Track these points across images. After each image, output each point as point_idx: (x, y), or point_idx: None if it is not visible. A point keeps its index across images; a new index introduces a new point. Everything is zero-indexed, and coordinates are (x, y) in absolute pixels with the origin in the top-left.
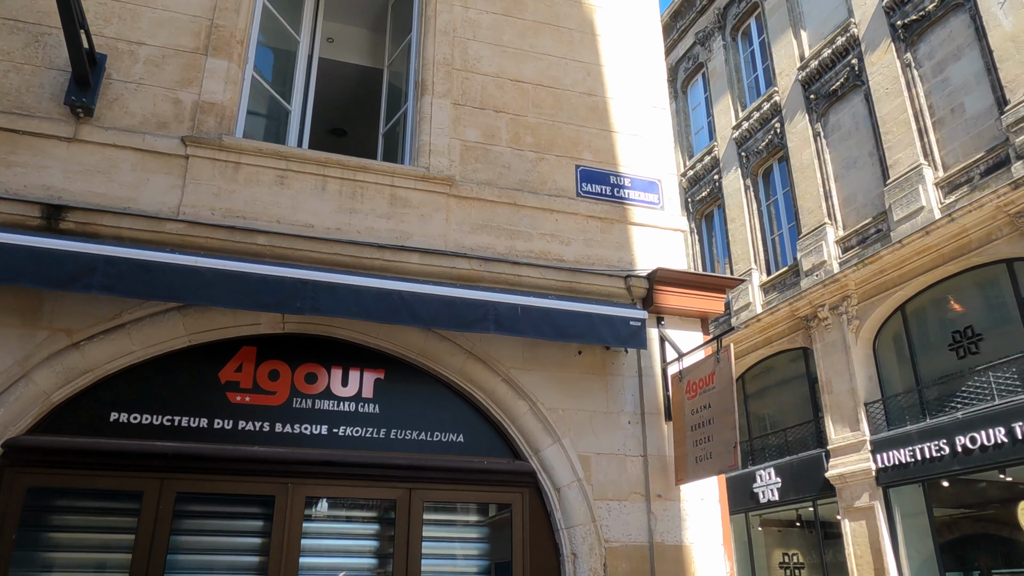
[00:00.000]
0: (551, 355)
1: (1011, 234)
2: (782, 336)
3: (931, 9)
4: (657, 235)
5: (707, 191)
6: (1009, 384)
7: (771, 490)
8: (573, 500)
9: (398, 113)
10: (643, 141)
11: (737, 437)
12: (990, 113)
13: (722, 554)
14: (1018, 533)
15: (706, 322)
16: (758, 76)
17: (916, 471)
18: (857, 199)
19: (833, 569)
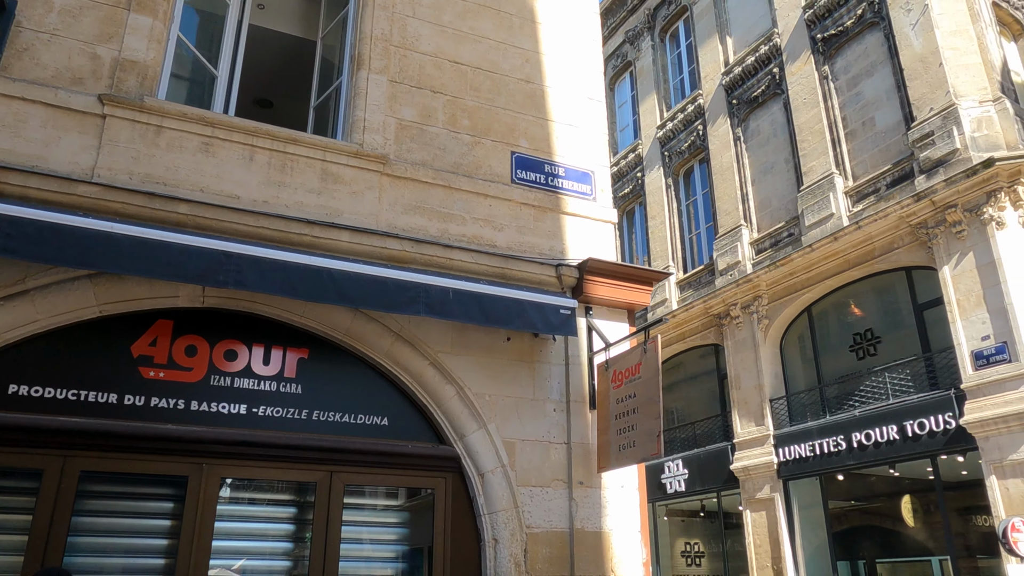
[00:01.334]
0: (480, 340)
1: (911, 244)
2: (695, 332)
3: (849, 25)
4: (589, 226)
5: (630, 188)
6: (902, 385)
7: (678, 481)
8: (496, 486)
9: (331, 87)
10: (578, 132)
11: (661, 426)
12: (898, 128)
13: (639, 541)
14: (902, 525)
15: (632, 314)
16: (684, 78)
17: (814, 465)
18: (772, 203)
19: (732, 557)
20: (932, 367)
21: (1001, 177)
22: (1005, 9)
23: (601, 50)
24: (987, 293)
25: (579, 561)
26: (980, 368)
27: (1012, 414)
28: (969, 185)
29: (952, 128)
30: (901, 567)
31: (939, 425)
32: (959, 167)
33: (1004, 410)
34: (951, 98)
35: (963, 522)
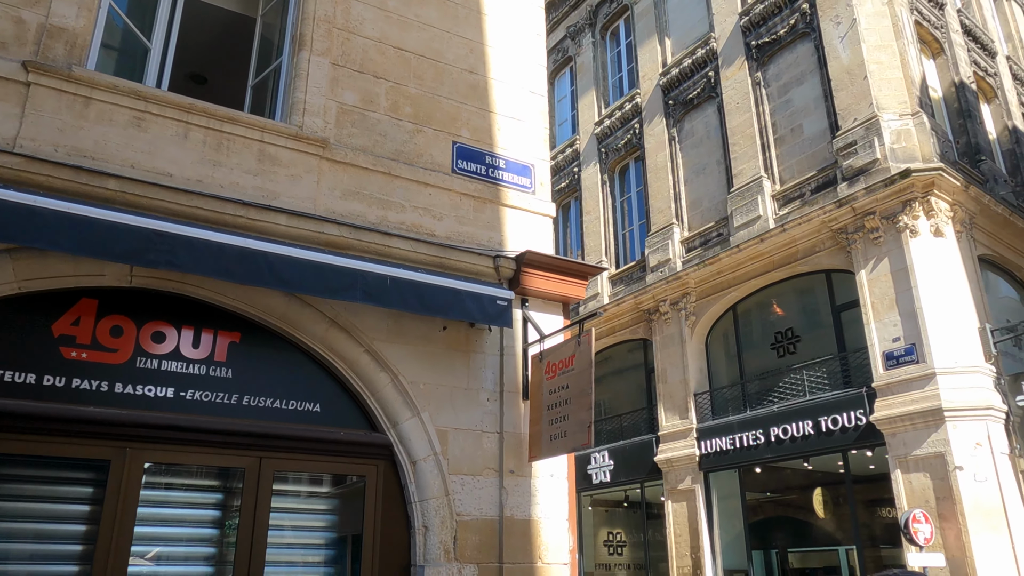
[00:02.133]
0: (416, 329)
1: (832, 248)
2: (625, 327)
3: (782, 34)
4: (527, 219)
5: (566, 182)
6: (819, 382)
7: (604, 472)
8: (428, 474)
9: (271, 66)
10: (520, 125)
11: (592, 418)
12: (824, 136)
13: (567, 529)
14: (813, 516)
15: (567, 307)
16: (623, 76)
17: (734, 458)
18: (703, 203)
19: (653, 547)
20: (847, 366)
21: (916, 188)
22: (926, 28)
23: (545, 45)
24: (899, 297)
25: (508, 548)
26: (890, 368)
27: (917, 412)
28: (887, 194)
29: (874, 139)
30: (811, 556)
31: (851, 421)
32: (878, 176)
33: (910, 408)
34: (874, 110)
35: (869, 514)
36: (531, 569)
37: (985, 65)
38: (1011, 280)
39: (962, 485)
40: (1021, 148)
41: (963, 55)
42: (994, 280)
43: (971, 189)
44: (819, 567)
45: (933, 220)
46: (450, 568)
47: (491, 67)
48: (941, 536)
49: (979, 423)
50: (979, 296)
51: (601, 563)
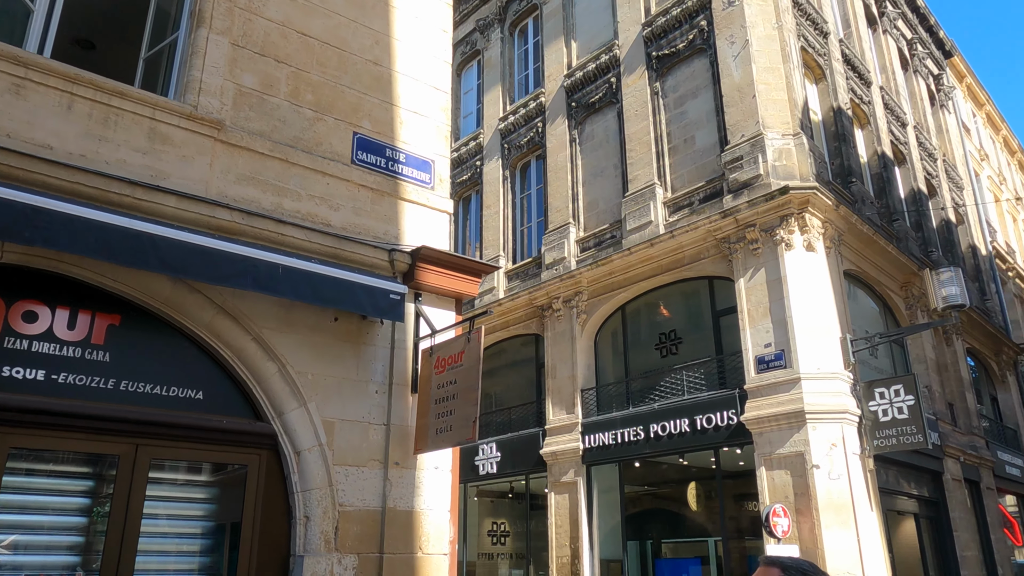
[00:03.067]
0: (306, 318)
1: (715, 256)
2: (519, 322)
3: (681, 48)
4: (425, 214)
5: (468, 175)
6: (697, 383)
7: (491, 463)
8: (312, 464)
9: (166, 40)
10: (422, 120)
11: (478, 413)
12: (714, 149)
13: (448, 520)
14: (686, 509)
15: (460, 303)
16: (529, 75)
17: (615, 452)
18: (599, 205)
19: (535, 537)
20: (723, 368)
21: (793, 204)
22: (811, 54)
23: (452, 42)
24: (772, 306)
25: (390, 539)
26: (761, 372)
27: (782, 413)
28: (767, 208)
29: (758, 155)
30: (682, 547)
31: (724, 421)
32: (760, 191)
33: (777, 410)
34: (759, 128)
35: (737, 507)
36: (411, 559)
37: (861, 93)
38: (871, 294)
39: (818, 482)
40: (887, 173)
41: (842, 82)
42: (856, 293)
43: (841, 208)
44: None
45: (806, 235)
46: (330, 558)
47: (396, 60)
48: (797, 529)
49: (835, 425)
50: (843, 308)
51: (484, 553)
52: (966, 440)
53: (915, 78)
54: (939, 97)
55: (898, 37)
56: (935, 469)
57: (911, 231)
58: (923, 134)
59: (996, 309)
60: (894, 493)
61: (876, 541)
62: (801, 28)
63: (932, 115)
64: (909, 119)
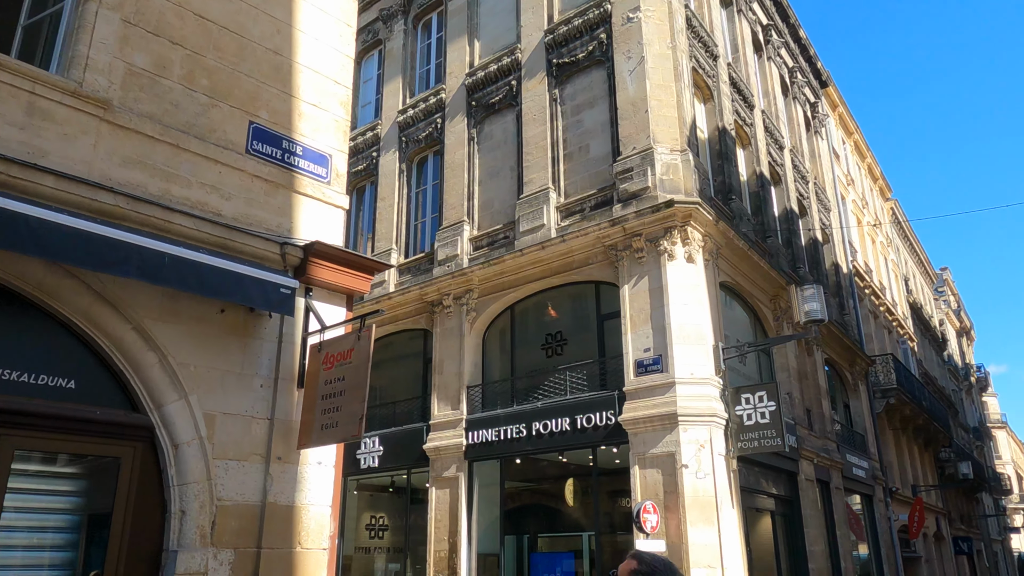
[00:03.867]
0: (191, 309)
1: (603, 262)
2: (408, 316)
3: (580, 58)
4: (320, 208)
5: (364, 165)
6: (579, 383)
7: (373, 457)
8: (191, 458)
9: (49, 9)
10: (322, 114)
11: (364, 411)
12: (606, 159)
13: (330, 515)
14: (564, 505)
15: (352, 299)
16: (431, 69)
17: (498, 449)
18: (494, 205)
19: (414, 531)
20: (604, 370)
21: (677, 217)
22: (701, 75)
23: (355, 37)
24: (653, 313)
25: (268, 534)
26: (639, 375)
27: (656, 415)
28: (653, 219)
29: (647, 168)
30: (559, 541)
31: (602, 420)
32: (647, 203)
33: (651, 412)
34: (650, 142)
35: (611, 503)
36: (289, 554)
37: (744, 115)
38: (744, 305)
39: (686, 481)
40: (764, 192)
41: (728, 104)
42: (730, 304)
43: (721, 224)
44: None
45: (687, 247)
46: (205, 553)
47: (298, 51)
48: (665, 525)
49: (704, 428)
50: (717, 317)
51: (361, 546)
52: (820, 444)
53: (794, 104)
54: (814, 124)
55: (780, 64)
56: (791, 470)
57: (782, 248)
58: (798, 157)
59: (853, 323)
60: (754, 492)
61: (735, 537)
62: (693, 49)
63: (807, 140)
64: (786, 142)
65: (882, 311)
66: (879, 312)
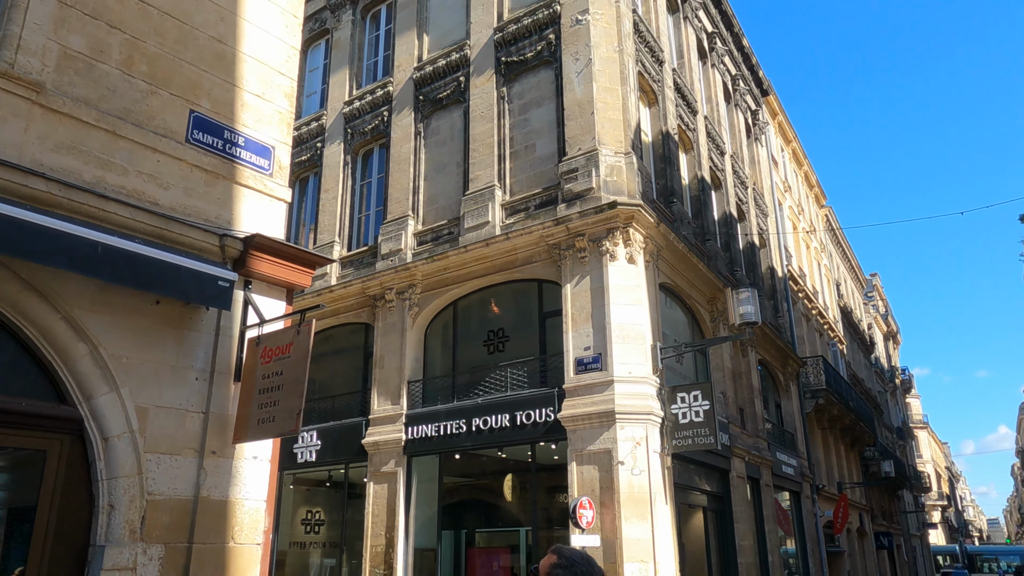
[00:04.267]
0: (125, 300)
1: (546, 260)
2: (350, 310)
3: (529, 57)
4: (261, 201)
5: (308, 156)
6: (520, 380)
7: (310, 451)
8: (121, 451)
9: None
10: (266, 105)
11: (302, 406)
12: (552, 159)
13: (264, 510)
14: (502, 500)
15: (292, 293)
16: (378, 61)
17: (437, 444)
18: (439, 200)
19: (351, 526)
20: (545, 368)
21: (620, 218)
22: (646, 79)
23: (301, 30)
24: (594, 312)
25: (201, 529)
26: (579, 373)
27: (595, 413)
28: (596, 220)
29: (592, 169)
30: (496, 536)
31: (542, 417)
32: (591, 203)
33: (590, 409)
34: (595, 144)
35: (549, 499)
36: (222, 549)
37: (687, 120)
38: (682, 306)
39: (621, 477)
40: (705, 196)
41: (672, 108)
42: (669, 304)
43: (661, 226)
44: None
45: (629, 248)
46: (134, 548)
47: (243, 41)
48: (600, 520)
49: (640, 425)
50: (656, 318)
51: (297, 541)
52: (751, 442)
53: (736, 111)
54: (754, 131)
55: (724, 72)
56: (723, 467)
57: (721, 251)
58: (738, 163)
59: (786, 326)
60: (688, 488)
61: (668, 532)
62: (640, 54)
63: (747, 146)
64: (727, 148)
65: (814, 314)
66: (811, 315)
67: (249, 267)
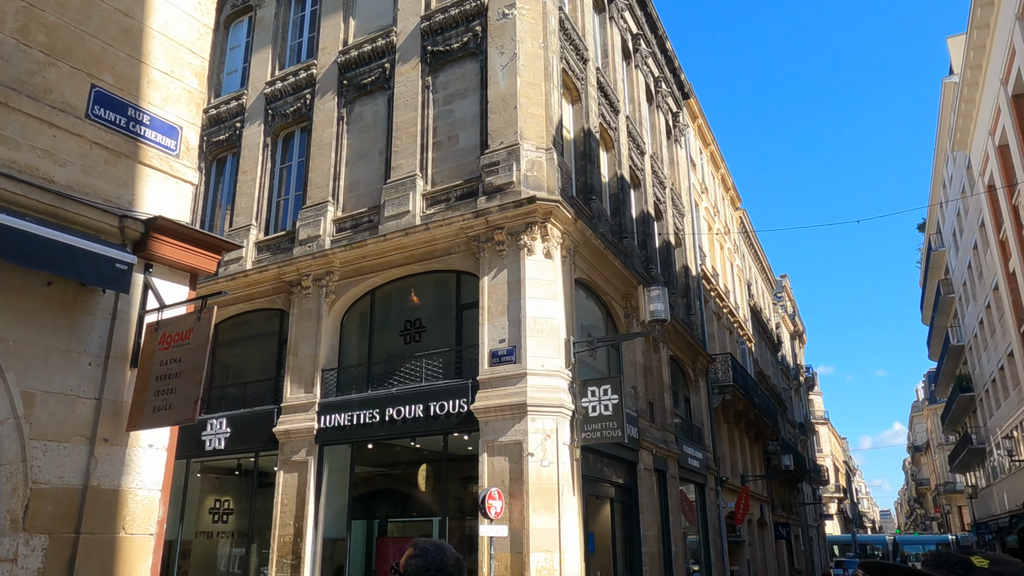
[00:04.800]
0: (12, 280)
1: (464, 252)
2: (265, 295)
3: (455, 48)
4: (166, 182)
5: (226, 135)
6: (435, 371)
7: (219, 439)
8: (4, 438)
9: None
10: (174, 83)
11: (200, 393)
12: (474, 151)
13: (159, 499)
14: (416, 490)
15: (196, 278)
16: (303, 43)
17: (350, 433)
18: (360, 187)
19: (260, 515)
20: (460, 359)
21: (538, 213)
22: (570, 77)
23: (219, 8)
24: (510, 305)
25: (90, 518)
26: (493, 365)
27: (507, 405)
28: (515, 214)
29: (513, 163)
30: (409, 526)
31: (455, 408)
32: (511, 197)
33: (503, 401)
34: (517, 138)
35: (462, 489)
36: (112, 540)
37: (609, 119)
38: (598, 302)
39: (531, 469)
40: (624, 194)
41: (595, 107)
42: (585, 300)
43: (579, 223)
44: (414, 535)
45: (546, 244)
46: (15, 539)
47: (151, 15)
48: (509, 511)
49: (551, 418)
50: (571, 312)
51: (204, 531)
52: (660, 435)
53: (657, 112)
54: (674, 132)
55: (647, 73)
56: (631, 460)
57: (637, 249)
58: (657, 164)
59: (698, 323)
60: (596, 480)
61: (575, 522)
62: (565, 51)
63: (667, 147)
64: (648, 148)
65: (725, 313)
66: (723, 314)
67: (150, 250)
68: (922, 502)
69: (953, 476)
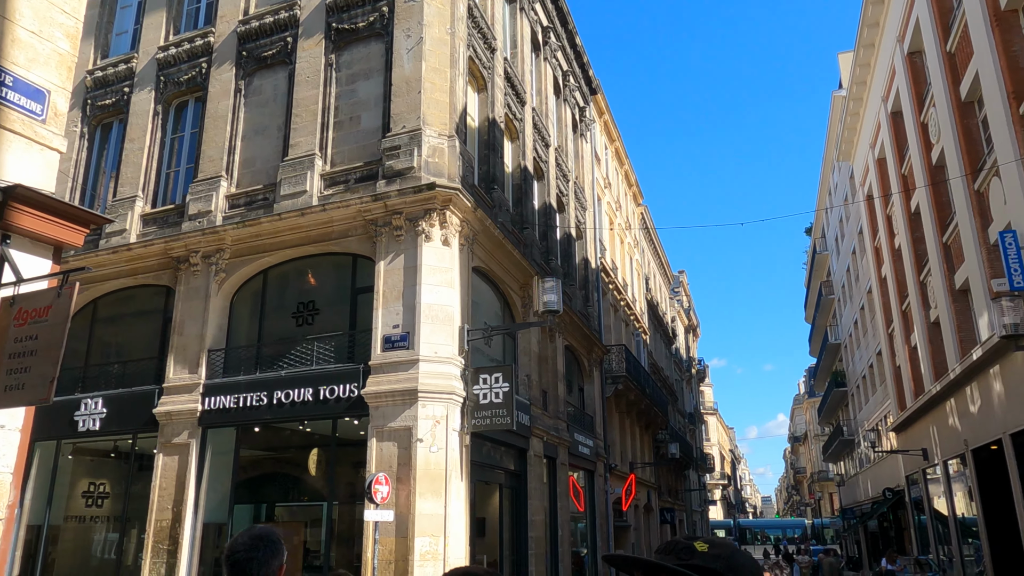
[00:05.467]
0: None
1: (362, 235)
2: (149, 271)
3: (361, 26)
4: (30, 148)
5: (112, 100)
6: (327, 354)
7: (94, 420)
8: None
9: None
10: (43, 44)
11: (57, 373)
12: (376, 133)
13: (10, 483)
14: (306, 474)
15: (60, 252)
16: (200, 8)
17: (235, 416)
18: (256, 164)
19: (136, 499)
20: (353, 343)
21: (438, 200)
22: (477, 65)
23: None
24: (405, 291)
25: None
26: (386, 350)
27: (398, 390)
28: (414, 200)
29: (414, 148)
30: (298, 510)
31: (346, 393)
32: (411, 183)
33: (394, 387)
34: (419, 123)
35: (352, 474)
36: None
37: (515, 110)
38: (495, 290)
39: (419, 454)
40: (527, 185)
41: (501, 97)
42: (483, 288)
43: (479, 211)
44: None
45: (444, 231)
46: None
47: None
48: (396, 496)
49: (442, 404)
50: (466, 300)
51: (76, 515)
52: (552, 423)
53: (564, 106)
54: (580, 127)
55: (556, 67)
56: (522, 447)
57: (538, 240)
58: (562, 157)
59: (595, 315)
60: (487, 466)
61: (461, 508)
62: (472, 39)
63: (572, 141)
64: (553, 141)
65: (622, 305)
66: (620, 306)
67: (8, 220)
68: (799, 489)
69: (826, 465)
